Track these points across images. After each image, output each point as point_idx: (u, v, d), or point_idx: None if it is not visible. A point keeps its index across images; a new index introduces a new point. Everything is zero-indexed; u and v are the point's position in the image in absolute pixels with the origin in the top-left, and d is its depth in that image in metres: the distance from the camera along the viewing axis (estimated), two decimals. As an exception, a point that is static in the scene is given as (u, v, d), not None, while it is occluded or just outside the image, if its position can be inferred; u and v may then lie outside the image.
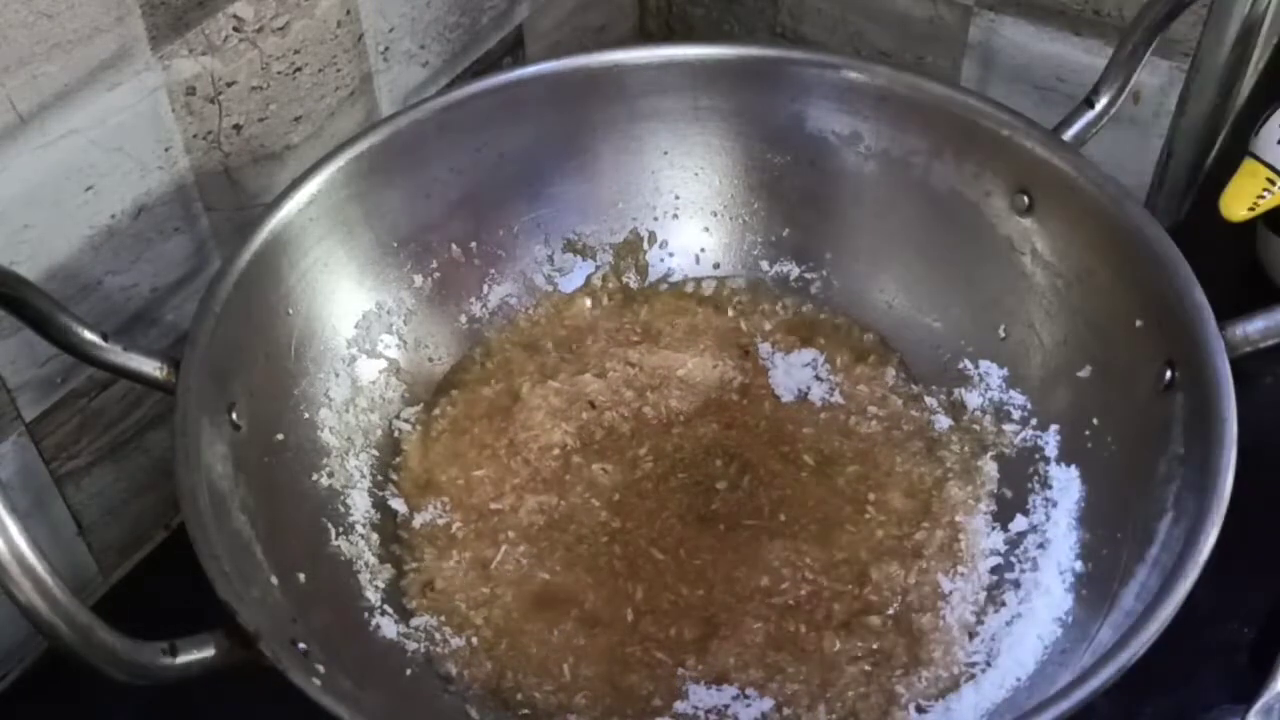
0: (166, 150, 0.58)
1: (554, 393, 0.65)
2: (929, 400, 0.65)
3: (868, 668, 0.55)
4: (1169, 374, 0.54)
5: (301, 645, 0.47)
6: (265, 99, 0.61)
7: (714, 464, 0.63)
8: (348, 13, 0.64)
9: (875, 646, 0.55)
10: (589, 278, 0.70)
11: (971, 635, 0.56)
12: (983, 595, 0.57)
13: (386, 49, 0.68)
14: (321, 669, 0.46)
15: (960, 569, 0.58)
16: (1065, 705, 0.43)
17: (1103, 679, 0.43)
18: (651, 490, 0.62)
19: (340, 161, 0.61)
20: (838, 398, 0.65)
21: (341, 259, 0.62)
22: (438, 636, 0.56)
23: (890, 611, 0.56)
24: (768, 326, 0.68)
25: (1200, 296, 0.54)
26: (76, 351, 0.51)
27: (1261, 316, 0.53)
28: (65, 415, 0.59)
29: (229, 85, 0.59)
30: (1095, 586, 0.54)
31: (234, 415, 0.54)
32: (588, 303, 0.70)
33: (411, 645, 0.56)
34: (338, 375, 0.62)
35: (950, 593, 0.57)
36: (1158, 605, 0.45)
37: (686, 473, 0.62)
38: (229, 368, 0.54)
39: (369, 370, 0.63)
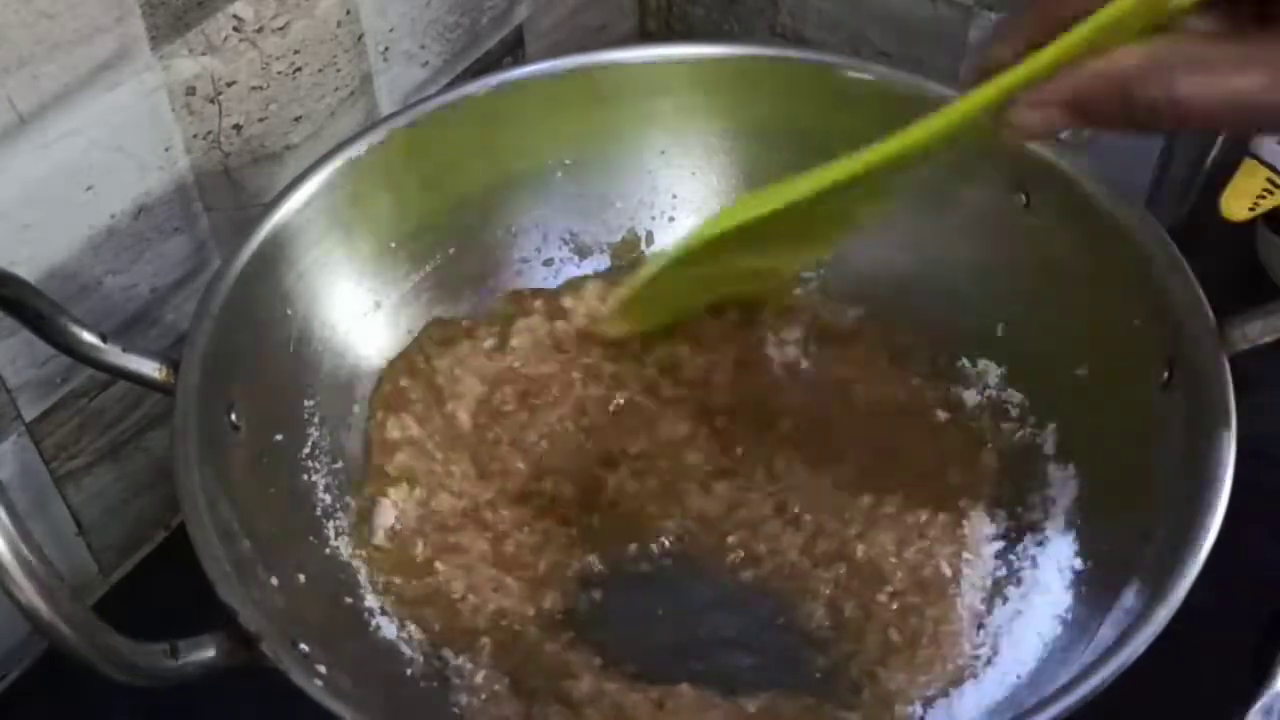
0: (166, 150, 0.58)
1: (545, 386, 0.64)
2: (927, 397, 0.65)
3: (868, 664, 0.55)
4: (1167, 372, 0.54)
5: (302, 646, 0.47)
6: (265, 99, 0.61)
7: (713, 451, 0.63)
8: (348, 13, 0.64)
9: (876, 643, 0.55)
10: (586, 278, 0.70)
11: (971, 632, 0.56)
12: (982, 593, 0.57)
13: (386, 49, 0.68)
14: (323, 669, 0.46)
15: (959, 566, 0.58)
16: (1065, 703, 0.43)
17: (1103, 677, 0.44)
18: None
19: (339, 161, 0.60)
20: (836, 397, 0.65)
21: (340, 259, 0.62)
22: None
23: (890, 610, 0.56)
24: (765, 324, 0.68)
25: (1199, 295, 0.54)
26: (75, 353, 0.51)
27: (1260, 314, 0.53)
28: (65, 415, 0.59)
29: (229, 85, 0.59)
30: (1095, 584, 0.54)
31: (233, 416, 0.54)
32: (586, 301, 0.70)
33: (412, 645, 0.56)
34: (337, 375, 0.61)
35: (950, 590, 0.57)
36: (1158, 604, 0.45)
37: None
38: (228, 368, 0.54)
39: (369, 371, 0.63)
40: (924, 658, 0.54)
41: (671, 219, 0.70)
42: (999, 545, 0.58)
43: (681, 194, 0.70)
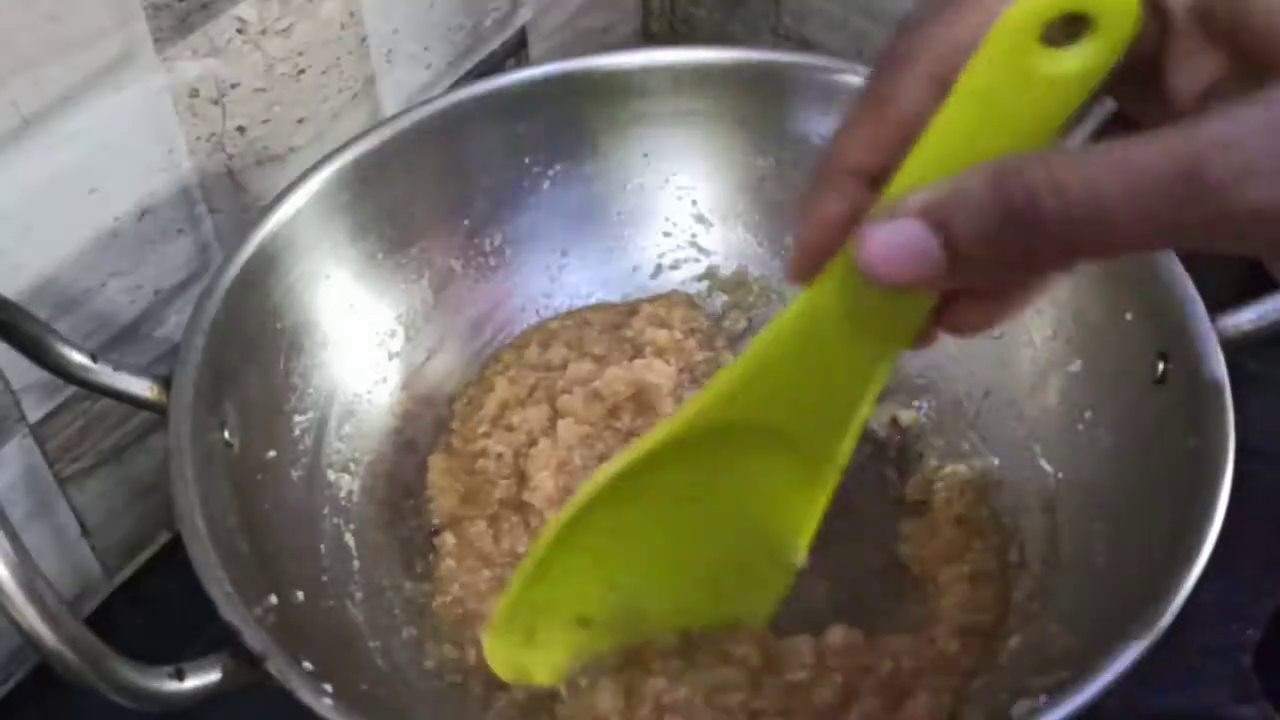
0: (170, 152, 0.58)
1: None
2: (924, 397, 0.65)
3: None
4: (1161, 366, 0.54)
5: (307, 664, 0.46)
6: (269, 101, 0.61)
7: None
8: (351, 15, 0.64)
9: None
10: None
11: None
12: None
13: (390, 51, 0.68)
14: (329, 687, 0.45)
15: (960, 568, 0.58)
16: (1065, 706, 0.43)
17: (1104, 679, 0.44)
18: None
19: (339, 163, 0.60)
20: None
21: (332, 269, 0.61)
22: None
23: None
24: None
25: (1190, 287, 0.53)
26: (63, 373, 0.51)
27: (1252, 305, 0.53)
28: (69, 417, 0.59)
29: (233, 87, 0.59)
30: (1093, 585, 0.54)
31: (226, 434, 0.53)
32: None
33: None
34: (331, 389, 0.61)
35: (950, 593, 0.57)
36: (1158, 604, 0.45)
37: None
38: (220, 385, 0.53)
39: (364, 383, 0.63)
40: None
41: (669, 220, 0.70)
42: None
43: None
